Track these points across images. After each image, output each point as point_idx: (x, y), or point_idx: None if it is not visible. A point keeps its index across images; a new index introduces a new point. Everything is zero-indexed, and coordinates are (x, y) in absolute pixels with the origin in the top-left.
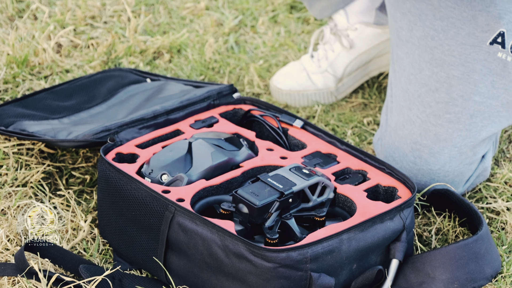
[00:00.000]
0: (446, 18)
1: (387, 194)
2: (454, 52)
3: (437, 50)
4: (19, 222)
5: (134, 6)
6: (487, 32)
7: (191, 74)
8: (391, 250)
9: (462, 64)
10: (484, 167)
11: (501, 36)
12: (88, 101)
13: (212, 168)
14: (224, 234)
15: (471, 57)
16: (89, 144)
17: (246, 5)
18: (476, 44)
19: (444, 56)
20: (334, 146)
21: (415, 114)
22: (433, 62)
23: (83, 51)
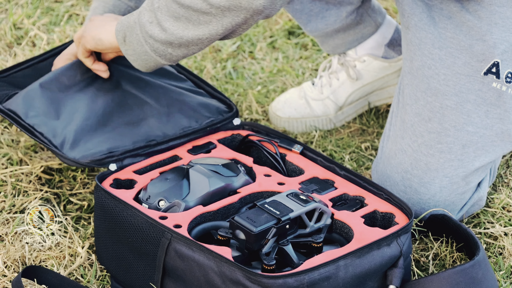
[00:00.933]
0: (444, 47)
1: (385, 220)
2: (449, 82)
3: (433, 79)
4: (17, 249)
5: None
6: (482, 62)
7: None
8: (388, 276)
9: (456, 94)
10: (479, 196)
11: (496, 66)
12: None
13: (210, 194)
14: (221, 261)
15: (466, 87)
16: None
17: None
18: (471, 74)
19: (439, 86)
20: (332, 172)
21: (407, 144)
22: (428, 92)
23: None
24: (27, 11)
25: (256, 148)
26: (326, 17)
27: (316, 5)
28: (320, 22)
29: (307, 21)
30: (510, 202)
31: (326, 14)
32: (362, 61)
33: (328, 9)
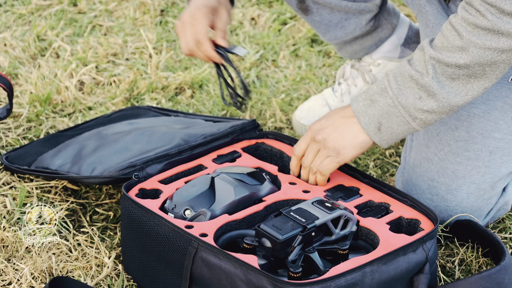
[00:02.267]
0: None
1: (410, 227)
2: None
3: None
4: (44, 259)
5: (155, 42)
6: (510, 69)
7: (213, 109)
8: (415, 282)
9: (483, 102)
10: (505, 201)
11: None
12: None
13: (235, 203)
14: (247, 269)
15: (493, 95)
16: (114, 180)
17: (267, 40)
18: (498, 81)
19: None
20: (356, 179)
21: (433, 152)
22: None
23: (106, 88)
24: (51, 22)
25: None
26: (345, 26)
27: (335, 15)
28: (339, 31)
29: (325, 31)
30: None
31: (345, 23)
32: (377, 65)
33: (348, 19)
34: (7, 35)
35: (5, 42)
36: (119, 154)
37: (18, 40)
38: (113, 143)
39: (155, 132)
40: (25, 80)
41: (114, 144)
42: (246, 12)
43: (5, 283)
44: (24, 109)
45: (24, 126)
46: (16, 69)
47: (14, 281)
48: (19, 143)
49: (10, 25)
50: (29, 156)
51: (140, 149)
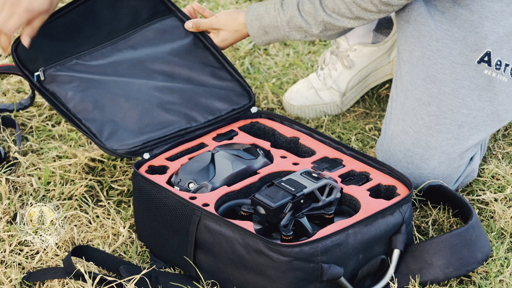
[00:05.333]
0: (441, 39)
1: (388, 192)
2: (446, 70)
3: (431, 68)
4: (67, 231)
5: None
6: (475, 52)
7: None
8: (393, 241)
9: (452, 81)
10: (472, 169)
11: (488, 55)
12: (111, 31)
13: (233, 176)
14: (244, 233)
15: (461, 75)
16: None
17: None
18: (465, 62)
19: (437, 74)
20: (340, 152)
21: (408, 125)
22: (428, 80)
23: None
24: None
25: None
26: None
27: None
28: None
29: None
30: (499, 171)
31: None
32: (354, 50)
33: None
34: None
35: None
36: (135, 124)
37: None
38: (132, 103)
39: (170, 109)
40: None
41: (133, 109)
42: (240, 8)
43: (33, 252)
44: None
45: (46, 113)
46: None
47: (41, 251)
48: (43, 128)
49: None
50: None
51: (153, 124)
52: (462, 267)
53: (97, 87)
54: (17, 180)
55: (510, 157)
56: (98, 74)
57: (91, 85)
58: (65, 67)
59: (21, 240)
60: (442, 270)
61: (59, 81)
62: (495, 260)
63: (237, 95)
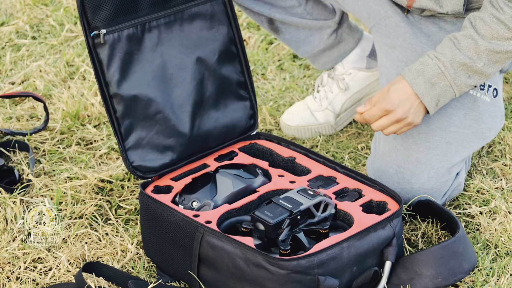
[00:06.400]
0: None
1: (379, 208)
2: None
3: None
4: (78, 248)
5: None
6: None
7: None
8: (384, 253)
9: None
10: (458, 182)
11: None
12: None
13: (234, 194)
14: (245, 249)
15: None
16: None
17: (256, 57)
18: None
19: None
20: (334, 170)
21: (399, 143)
22: None
23: None
24: (77, 51)
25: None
26: (311, 41)
27: (301, 32)
28: (308, 46)
29: (297, 47)
30: (483, 186)
31: (311, 38)
32: (349, 74)
33: (312, 35)
34: (41, 63)
35: (40, 69)
36: (159, 141)
37: (51, 67)
38: (165, 115)
39: (188, 135)
40: (57, 100)
41: (164, 122)
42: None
43: (46, 269)
44: (58, 123)
45: (58, 137)
46: (50, 90)
47: (54, 267)
48: (55, 151)
49: (44, 54)
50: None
51: (174, 145)
52: (450, 277)
53: (141, 76)
54: (30, 201)
55: (494, 172)
56: (146, 58)
57: (137, 70)
58: (123, 35)
59: (35, 257)
60: (431, 280)
61: (111, 51)
62: (481, 270)
63: (246, 122)
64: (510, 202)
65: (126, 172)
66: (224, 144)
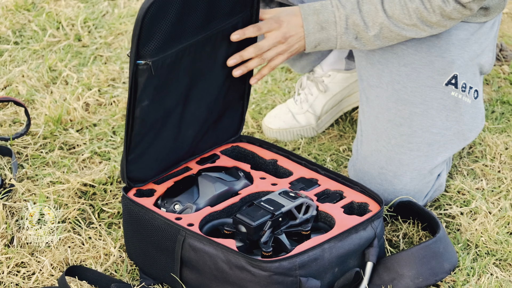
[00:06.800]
0: (409, 64)
1: (360, 209)
2: (416, 92)
3: (401, 92)
4: (61, 252)
5: None
6: (443, 75)
7: None
8: (366, 254)
9: (422, 102)
10: (439, 183)
11: (455, 78)
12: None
13: (216, 197)
14: (227, 251)
15: (430, 97)
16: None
17: None
18: (434, 85)
19: (408, 97)
20: (316, 172)
21: (381, 145)
22: (398, 102)
23: (107, 108)
24: (60, 56)
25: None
26: None
27: None
28: None
29: None
30: (464, 187)
31: None
32: (328, 76)
33: None
34: (24, 68)
35: (22, 74)
36: (160, 158)
37: (33, 72)
38: (172, 133)
39: (181, 146)
40: (40, 104)
41: (169, 140)
42: None
43: (29, 273)
44: (40, 128)
45: (41, 142)
46: (32, 95)
47: (37, 271)
48: (37, 155)
49: (26, 60)
50: None
51: (171, 160)
52: (431, 277)
53: (167, 100)
54: (13, 206)
55: (474, 173)
56: (177, 81)
57: (165, 96)
58: (165, 63)
59: (19, 261)
60: (412, 281)
61: (150, 79)
62: (462, 269)
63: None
64: (490, 203)
65: (108, 176)
66: (211, 148)
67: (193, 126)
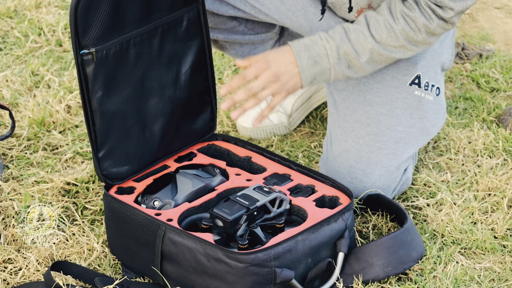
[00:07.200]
0: None
1: (331, 202)
2: (382, 93)
3: (368, 93)
4: (46, 248)
5: None
6: (407, 76)
7: None
8: (337, 245)
9: (387, 103)
10: (406, 177)
11: (418, 78)
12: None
13: (193, 193)
14: (205, 244)
15: (395, 97)
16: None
17: (214, 62)
18: (398, 85)
19: (374, 97)
20: (288, 168)
21: (350, 145)
22: (365, 103)
23: None
24: (42, 60)
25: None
26: (256, 53)
27: (245, 48)
28: None
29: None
30: (430, 180)
31: (255, 51)
32: None
33: (255, 48)
34: (8, 73)
35: (6, 79)
36: (130, 152)
37: (17, 76)
38: (137, 128)
39: (153, 143)
40: (24, 108)
41: (135, 134)
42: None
43: (16, 269)
44: (24, 130)
45: (25, 143)
46: (16, 99)
47: (23, 267)
48: (22, 156)
49: (10, 65)
50: None
51: (142, 155)
52: (400, 266)
53: (122, 92)
54: (0, 205)
55: (439, 166)
56: (128, 73)
57: (118, 87)
58: (109, 52)
59: (5, 258)
60: (382, 269)
61: (97, 68)
62: (429, 258)
63: (207, 125)
64: (455, 194)
65: (91, 175)
66: (185, 146)
67: (159, 120)
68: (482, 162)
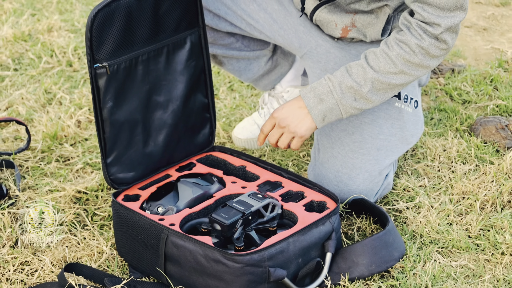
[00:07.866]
0: None
1: (319, 207)
2: None
3: None
4: (60, 251)
5: None
6: None
7: None
8: (325, 246)
9: (370, 113)
10: (387, 182)
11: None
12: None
13: (193, 199)
14: (204, 246)
15: (377, 107)
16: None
17: None
18: None
19: None
20: (280, 175)
21: (337, 151)
22: None
23: None
24: (54, 80)
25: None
26: (251, 69)
27: (241, 63)
28: (249, 73)
29: (239, 75)
30: (409, 185)
31: (250, 67)
32: (287, 92)
33: (251, 63)
34: (23, 91)
35: (22, 97)
36: (136, 159)
37: (31, 94)
38: (144, 135)
39: (157, 153)
40: (38, 123)
41: (142, 141)
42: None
43: (32, 270)
44: (39, 143)
45: (40, 156)
46: (31, 115)
47: (39, 269)
48: (37, 167)
49: (25, 84)
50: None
51: (147, 163)
52: (383, 264)
53: (130, 104)
54: (17, 212)
55: (417, 172)
56: (136, 87)
57: (127, 99)
58: (120, 67)
59: (23, 261)
60: (366, 268)
61: (109, 81)
62: (409, 257)
63: (206, 139)
64: (432, 198)
65: (99, 184)
66: (186, 157)
67: (163, 131)
68: (456, 168)
